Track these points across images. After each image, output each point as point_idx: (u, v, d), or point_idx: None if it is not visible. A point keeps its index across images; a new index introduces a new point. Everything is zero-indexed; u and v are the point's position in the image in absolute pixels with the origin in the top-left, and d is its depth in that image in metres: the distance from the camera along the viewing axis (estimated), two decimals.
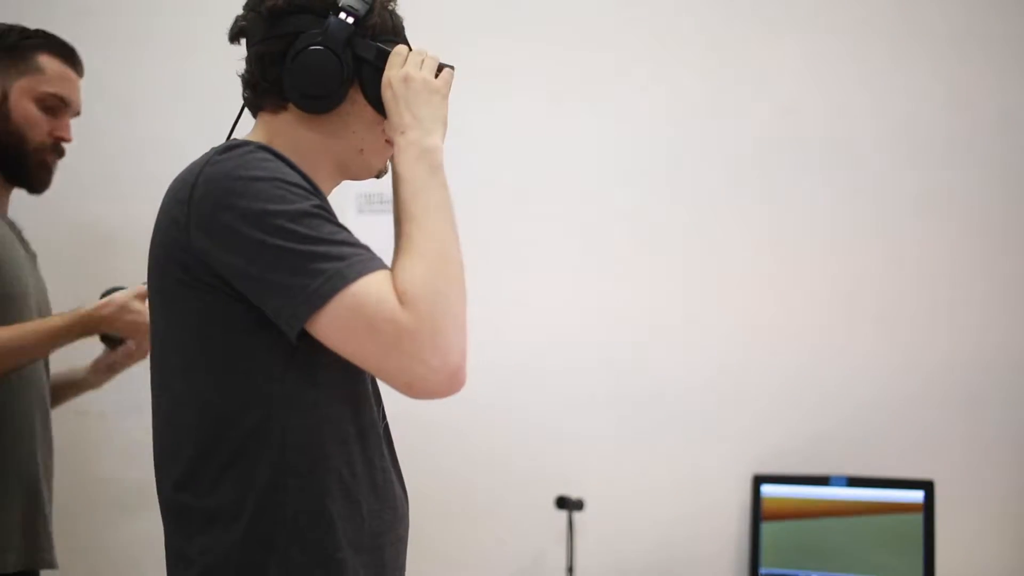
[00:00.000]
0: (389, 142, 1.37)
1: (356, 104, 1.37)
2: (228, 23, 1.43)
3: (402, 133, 1.31)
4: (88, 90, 2.58)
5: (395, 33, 1.40)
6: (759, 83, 2.76)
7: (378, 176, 1.44)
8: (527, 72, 2.73)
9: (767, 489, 2.64)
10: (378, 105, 1.37)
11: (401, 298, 1.16)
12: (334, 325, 1.16)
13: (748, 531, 2.67)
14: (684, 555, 2.70)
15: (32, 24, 2.61)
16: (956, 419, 2.72)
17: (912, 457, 2.68)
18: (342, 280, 1.15)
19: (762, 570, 2.61)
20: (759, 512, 2.63)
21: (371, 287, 1.16)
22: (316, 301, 1.15)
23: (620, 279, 2.73)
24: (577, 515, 2.59)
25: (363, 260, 1.18)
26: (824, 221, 2.76)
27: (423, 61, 1.37)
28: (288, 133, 1.37)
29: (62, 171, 2.59)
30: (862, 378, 2.73)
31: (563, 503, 2.59)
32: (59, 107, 2.08)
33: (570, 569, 2.56)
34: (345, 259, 1.17)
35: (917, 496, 2.57)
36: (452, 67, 1.39)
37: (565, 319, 2.70)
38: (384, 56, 1.36)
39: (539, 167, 2.73)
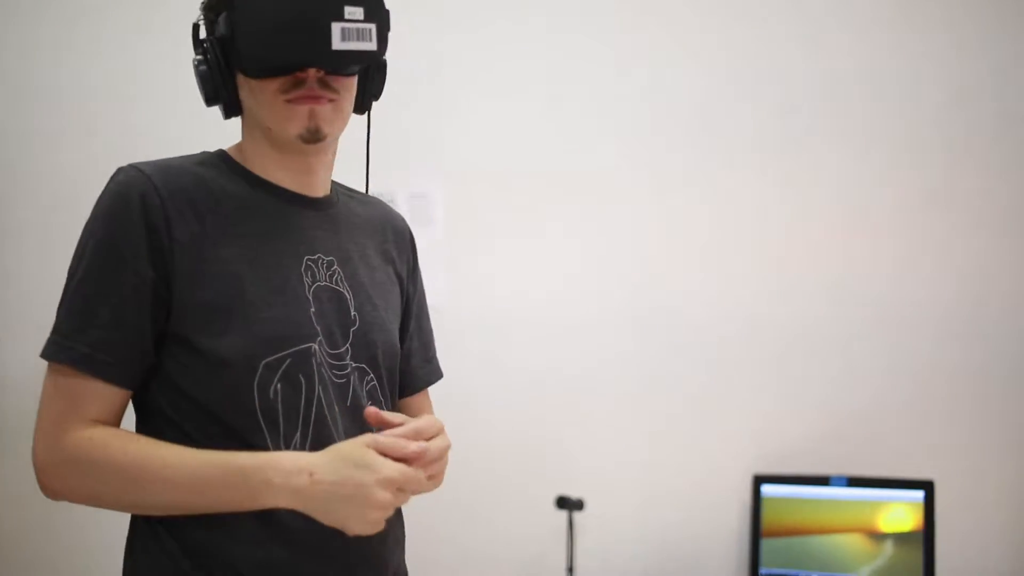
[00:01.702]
0: (291, 102, 1.26)
1: (244, 89, 1.31)
2: None
3: (311, 475, 1.17)
4: (85, 88, 2.58)
5: None
6: (759, 82, 2.75)
7: (309, 139, 1.28)
8: (530, 48, 2.73)
9: (767, 489, 2.64)
10: (241, 65, 1.26)
11: (76, 434, 1.21)
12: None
13: (748, 531, 2.66)
14: (684, 555, 2.70)
15: (27, 23, 2.61)
16: (956, 419, 2.72)
17: (912, 457, 2.68)
18: (57, 354, 1.23)
19: (762, 570, 2.61)
20: (759, 512, 2.63)
21: (52, 391, 1.24)
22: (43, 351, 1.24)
23: (619, 280, 2.72)
24: (577, 515, 2.59)
25: (58, 342, 1.22)
26: (823, 220, 2.76)
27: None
28: (246, 135, 1.37)
29: (61, 169, 2.59)
30: (862, 378, 2.73)
31: (563, 503, 2.59)
32: None
33: (570, 569, 2.56)
34: (60, 328, 1.23)
35: (917, 496, 2.57)
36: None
37: (565, 319, 2.70)
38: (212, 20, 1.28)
39: (536, 159, 2.73)
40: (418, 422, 1.22)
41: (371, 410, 1.23)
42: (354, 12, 1.23)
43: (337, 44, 1.22)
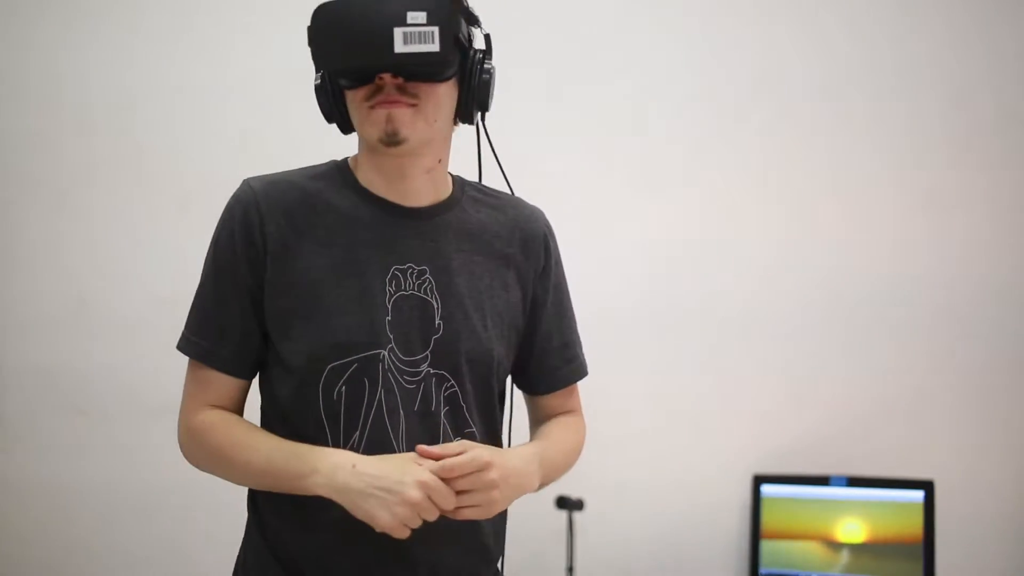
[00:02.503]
0: (373, 107, 1.34)
1: (348, 103, 1.39)
2: (222, 20, 1.44)
3: (354, 466, 1.29)
4: (85, 89, 2.59)
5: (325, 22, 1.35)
6: (758, 81, 2.76)
7: (388, 142, 1.35)
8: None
9: (767, 489, 2.64)
10: (339, 77, 1.37)
11: (199, 416, 1.41)
12: None
13: (748, 531, 2.67)
14: (684, 555, 2.70)
15: (24, 24, 2.62)
16: (956, 419, 2.73)
17: (912, 457, 2.68)
18: (185, 347, 1.43)
19: (762, 570, 2.61)
20: (759, 512, 2.63)
21: (188, 377, 1.43)
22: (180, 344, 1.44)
23: (619, 280, 2.72)
24: (577, 515, 2.59)
25: (187, 337, 1.42)
26: (823, 220, 2.76)
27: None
28: (359, 148, 1.46)
29: (61, 169, 2.59)
30: (862, 378, 2.73)
31: (563, 503, 2.59)
32: None
33: (570, 569, 2.56)
34: (189, 325, 1.43)
35: (917, 496, 2.57)
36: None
37: None
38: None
39: (530, 161, 2.73)
40: (456, 460, 1.30)
41: (421, 448, 1.31)
42: (416, 17, 1.30)
43: (399, 48, 1.29)
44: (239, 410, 1.44)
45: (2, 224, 2.57)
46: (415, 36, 1.30)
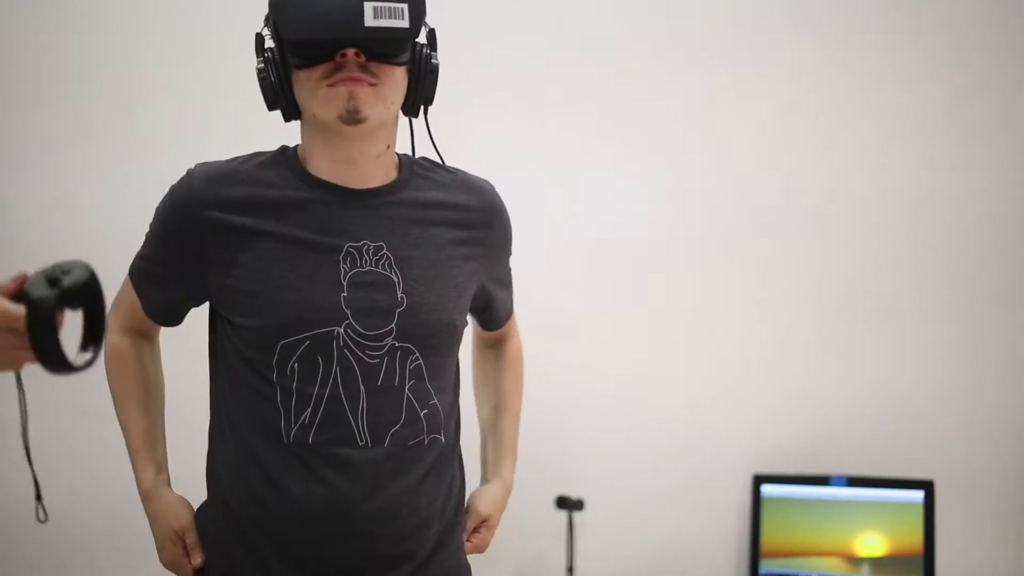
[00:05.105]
0: (332, 86, 1.33)
1: (297, 87, 1.39)
2: (224, 21, 1.45)
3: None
4: (85, 88, 2.59)
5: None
6: (758, 83, 2.75)
7: (349, 120, 1.34)
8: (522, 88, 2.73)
9: (767, 489, 2.64)
10: (293, 58, 1.35)
11: (117, 337, 1.55)
12: None
13: (748, 531, 2.67)
14: (684, 555, 2.70)
15: (24, 25, 2.61)
16: (956, 419, 2.72)
17: (912, 457, 2.68)
18: (132, 271, 1.53)
19: (762, 570, 2.61)
20: (759, 512, 2.63)
21: (123, 288, 1.54)
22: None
23: (622, 280, 2.72)
24: (577, 515, 2.59)
25: (137, 264, 1.52)
26: (823, 220, 2.76)
27: None
28: (303, 136, 1.46)
29: (60, 170, 2.60)
30: (862, 378, 2.73)
31: (563, 503, 2.59)
32: None
33: (570, 569, 2.56)
34: (142, 253, 1.52)
35: (917, 496, 2.57)
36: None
37: (568, 319, 2.70)
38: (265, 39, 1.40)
39: (515, 161, 2.73)
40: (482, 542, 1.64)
41: None
42: None
43: (369, 21, 1.28)
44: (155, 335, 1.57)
45: (2, 224, 2.57)
46: (385, 11, 1.30)
